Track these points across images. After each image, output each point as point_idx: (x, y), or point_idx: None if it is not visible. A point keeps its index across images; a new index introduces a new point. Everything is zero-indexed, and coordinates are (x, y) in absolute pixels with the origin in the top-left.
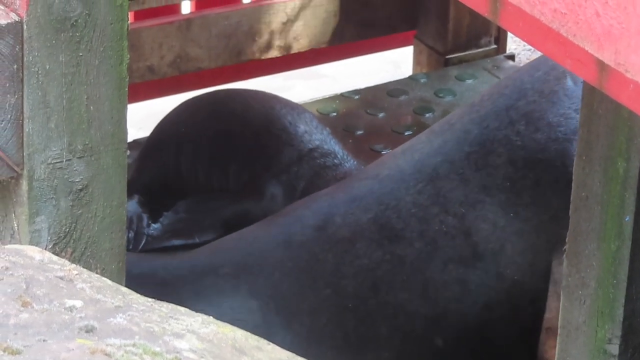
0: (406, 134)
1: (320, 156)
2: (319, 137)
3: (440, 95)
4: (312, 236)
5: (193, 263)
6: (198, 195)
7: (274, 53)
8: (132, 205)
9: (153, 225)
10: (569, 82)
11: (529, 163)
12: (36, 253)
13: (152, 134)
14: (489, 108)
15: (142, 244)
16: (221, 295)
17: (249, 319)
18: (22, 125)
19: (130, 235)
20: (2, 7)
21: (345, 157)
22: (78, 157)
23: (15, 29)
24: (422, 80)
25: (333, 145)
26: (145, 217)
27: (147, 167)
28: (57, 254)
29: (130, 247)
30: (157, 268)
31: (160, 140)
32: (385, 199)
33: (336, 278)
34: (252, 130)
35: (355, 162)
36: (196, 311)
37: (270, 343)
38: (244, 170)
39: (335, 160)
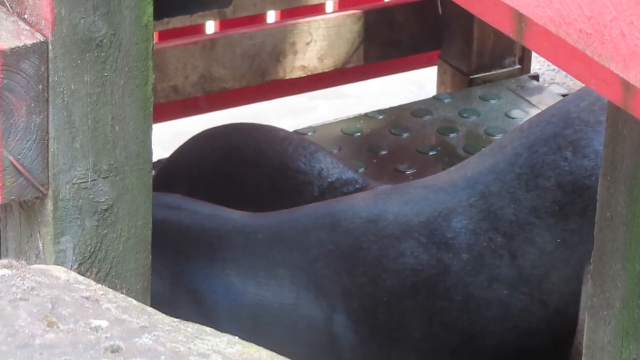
0: (430, 154)
1: (341, 185)
2: (335, 171)
3: (465, 115)
4: (361, 225)
5: (224, 218)
6: None
7: (298, 73)
8: None
9: None
10: None
11: (577, 188)
12: (62, 273)
13: (163, 168)
14: (538, 134)
15: None
16: (249, 256)
17: (274, 285)
18: (48, 146)
19: None
20: (28, 28)
21: (365, 182)
22: (103, 177)
23: (40, 49)
24: (446, 100)
25: (351, 174)
26: None
27: None
28: (82, 274)
29: None
30: (183, 216)
31: (171, 177)
32: (438, 207)
33: (376, 270)
34: (267, 176)
35: (377, 185)
36: (221, 269)
37: None
38: (262, 210)
39: (357, 185)
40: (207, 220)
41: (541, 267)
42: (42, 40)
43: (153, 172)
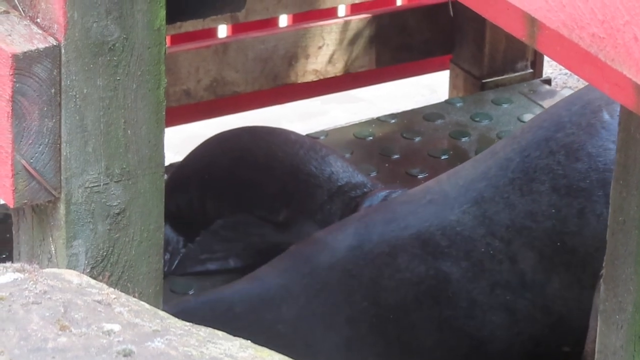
0: (442, 158)
1: (350, 189)
2: (346, 175)
3: (477, 119)
4: (344, 256)
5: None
6: (237, 217)
7: (310, 77)
8: (166, 229)
9: (189, 245)
10: (606, 116)
11: (572, 191)
12: (74, 277)
13: (175, 172)
14: (529, 139)
15: (176, 264)
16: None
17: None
18: (60, 149)
19: (166, 257)
20: (40, 32)
21: (374, 185)
22: (115, 181)
23: (53, 53)
24: (458, 105)
25: (360, 177)
26: (181, 239)
27: (174, 201)
28: (94, 278)
29: (165, 268)
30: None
31: (183, 180)
32: (428, 218)
33: (374, 291)
34: (278, 180)
35: (385, 189)
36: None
37: None
38: (271, 215)
39: (365, 189)
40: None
41: (542, 272)
42: (54, 44)
43: (165, 176)
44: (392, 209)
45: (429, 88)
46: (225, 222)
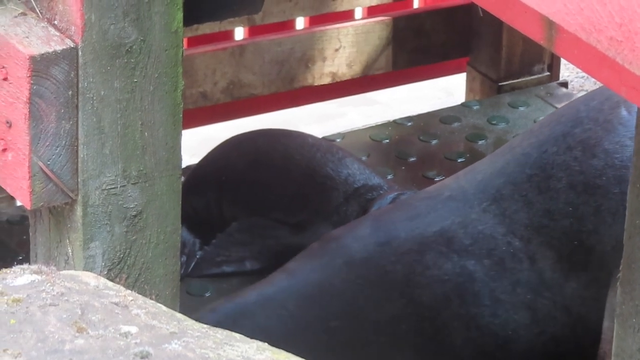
0: (459, 160)
1: (366, 192)
2: (362, 177)
3: (493, 122)
4: (376, 251)
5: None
6: (253, 219)
7: (326, 79)
8: (183, 231)
9: (205, 247)
10: (624, 112)
11: (589, 188)
12: (91, 279)
13: (191, 174)
14: (547, 134)
15: (192, 266)
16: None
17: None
18: (77, 151)
19: (182, 259)
20: (58, 34)
21: (390, 187)
22: (132, 183)
23: (70, 55)
24: (475, 107)
25: (377, 179)
26: (197, 241)
27: (189, 203)
28: (111, 280)
29: (182, 271)
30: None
31: (200, 183)
32: (449, 215)
33: (409, 288)
34: (294, 182)
35: (401, 190)
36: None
37: None
38: (288, 217)
39: (382, 191)
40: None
41: (560, 272)
42: (72, 46)
43: (182, 179)
44: (413, 205)
45: (446, 91)
46: (241, 224)
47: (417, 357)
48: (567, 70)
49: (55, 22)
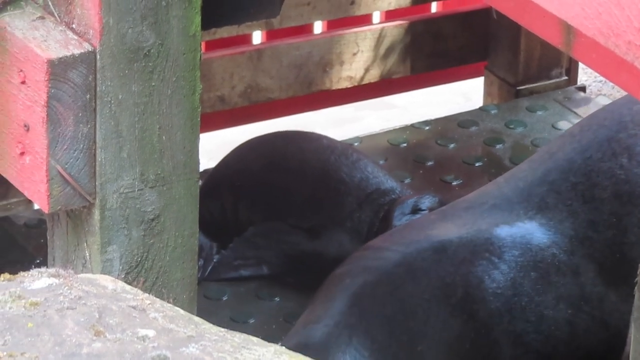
0: (476, 165)
1: (379, 196)
2: (375, 181)
3: (511, 126)
4: (434, 260)
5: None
6: (269, 224)
7: (344, 84)
8: (200, 235)
9: (222, 251)
10: None
11: (634, 198)
12: (109, 282)
13: (208, 177)
14: (590, 138)
15: (209, 270)
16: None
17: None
18: (95, 155)
19: (200, 263)
20: (76, 37)
21: (403, 192)
22: (150, 187)
23: (88, 58)
24: (493, 112)
25: (390, 183)
26: (214, 245)
27: (206, 207)
28: (129, 284)
29: (199, 274)
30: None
31: (216, 185)
32: (497, 225)
33: (468, 303)
34: (309, 186)
35: (414, 196)
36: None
37: None
38: (302, 221)
39: (394, 196)
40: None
41: (601, 285)
42: (90, 49)
43: (200, 182)
44: (458, 215)
45: (464, 95)
46: (258, 229)
47: None
48: (585, 75)
49: (74, 25)
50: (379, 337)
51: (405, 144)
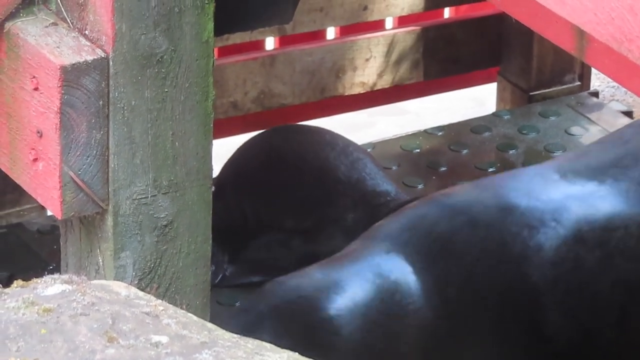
0: (490, 170)
1: (373, 198)
2: (371, 182)
3: (524, 132)
4: (499, 217)
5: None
6: (276, 234)
7: (357, 89)
8: None
9: (233, 260)
10: None
11: None
12: (122, 288)
13: (215, 178)
14: None
15: (219, 278)
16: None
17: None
18: (108, 161)
19: (211, 268)
20: (89, 44)
21: (398, 194)
22: (163, 193)
23: (101, 65)
24: (506, 117)
25: (386, 185)
26: (225, 250)
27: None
28: (142, 290)
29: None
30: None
31: (221, 185)
32: (567, 196)
33: (523, 266)
34: (306, 185)
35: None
36: None
37: None
38: (300, 219)
39: (388, 198)
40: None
41: None
42: (102, 56)
43: (213, 188)
44: (528, 179)
45: (476, 100)
46: (259, 240)
47: (523, 337)
48: (598, 80)
49: (86, 32)
50: (427, 260)
51: (418, 150)
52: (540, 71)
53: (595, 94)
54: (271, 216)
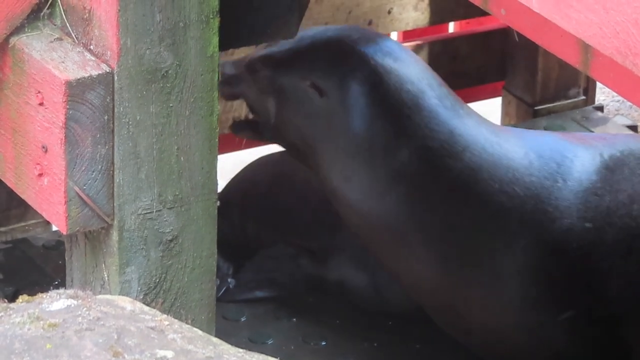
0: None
1: None
2: None
3: None
4: (602, 175)
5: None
6: (278, 247)
7: None
8: None
9: (237, 274)
10: None
11: None
12: (127, 303)
13: (220, 195)
14: None
15: (223, 291)
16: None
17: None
18: (113, 176)
19: (216, 283)
20: (93, 58)
21: None
22: (168, 208)
23: (106, 79)
24: None
25: None
26: (230, 265)
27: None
28: (147, 305)
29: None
30: None
31: (227, 202)
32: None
33: (604, 220)
34: (312, 209)
35: None
36: None
37: None
38: (305, 242)
39: None
40: None
41: None
42: (107, 70)
43: (218, 203)
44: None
45: (482, 115)
46: (267, 251)
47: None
48: (603, 94)
49: (91, 47)
50: None
51: None
52: (545, 85)
53: (600, 108)
54: (277, 238)
